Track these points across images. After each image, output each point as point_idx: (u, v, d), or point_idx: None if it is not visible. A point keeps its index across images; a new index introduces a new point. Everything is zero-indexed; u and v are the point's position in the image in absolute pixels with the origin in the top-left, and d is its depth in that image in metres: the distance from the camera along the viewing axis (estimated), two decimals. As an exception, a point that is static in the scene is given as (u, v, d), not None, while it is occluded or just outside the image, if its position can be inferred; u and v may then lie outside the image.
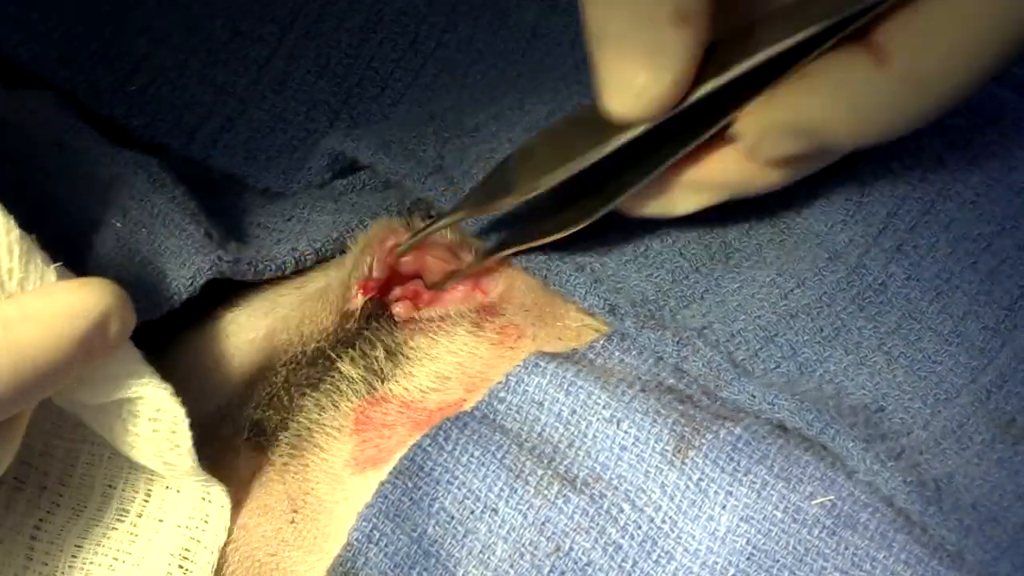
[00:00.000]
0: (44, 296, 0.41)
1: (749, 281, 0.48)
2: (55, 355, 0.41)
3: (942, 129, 0.50)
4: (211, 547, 0.46)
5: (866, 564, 0.42)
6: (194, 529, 0.46)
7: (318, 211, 0.52)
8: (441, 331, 0.49)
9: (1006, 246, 0.48)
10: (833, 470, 0.43)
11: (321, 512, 0.46)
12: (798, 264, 0.48)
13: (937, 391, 0.45)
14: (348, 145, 0.53)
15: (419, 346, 0.48)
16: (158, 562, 0.46)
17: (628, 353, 0.47)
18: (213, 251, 0.48)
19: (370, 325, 0.49)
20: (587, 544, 0.43)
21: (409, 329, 0.49)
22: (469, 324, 0.49)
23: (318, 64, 0.57)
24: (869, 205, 0.49)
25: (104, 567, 0.46)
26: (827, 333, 0.47)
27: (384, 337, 0.49)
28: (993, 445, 0.44)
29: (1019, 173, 0.49)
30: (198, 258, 0.48)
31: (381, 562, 0.43)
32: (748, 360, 0.46)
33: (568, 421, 0.45)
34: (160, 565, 0.45)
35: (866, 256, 0.48)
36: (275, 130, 0.57)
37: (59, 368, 0.41)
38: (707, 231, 0.50)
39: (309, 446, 0.47)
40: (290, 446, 0.47)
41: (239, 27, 0.57)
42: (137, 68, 0.57)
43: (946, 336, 0.46)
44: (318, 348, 0.49)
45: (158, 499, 0.46)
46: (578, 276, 0.48)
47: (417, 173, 0.51)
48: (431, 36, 0.58)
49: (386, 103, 0.57)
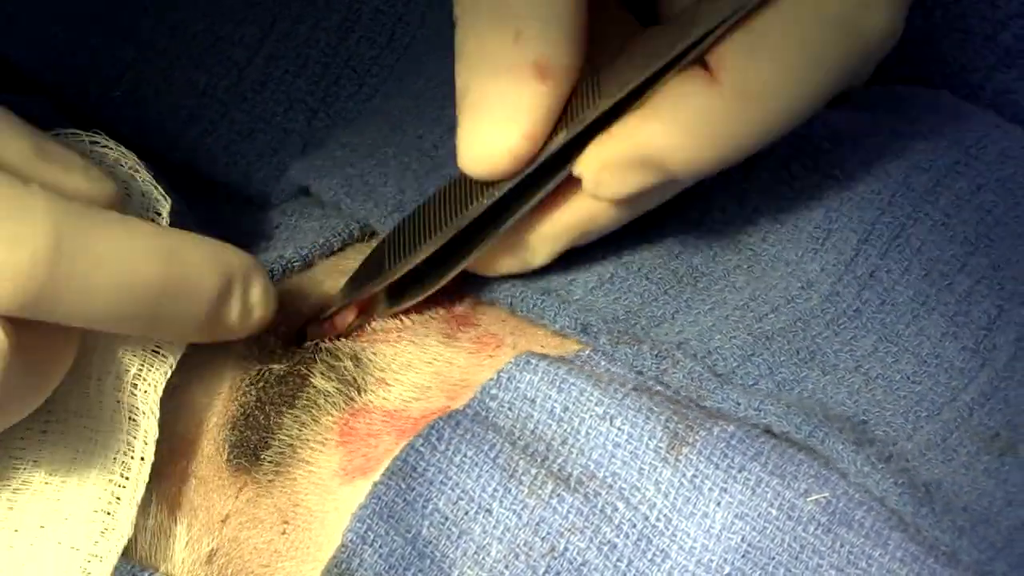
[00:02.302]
0: (199, 240, 0.44)
1: (721, 303, 0.49)
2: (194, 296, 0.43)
3: (903, 151, 0.51)
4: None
5: (861, 562, 0.41)
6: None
7: (305, 217, 0.52)
8: (404, 340, 0.48)
9: (981, 265, 0.48)
10: (827, 468, 0.43)
11: (312, 522, 0.46)
12: (770, 291, 0.49)
13: (918, 408, 0.45)
14: (312, 183, 0.53)
15: (383, 353, 0.48)
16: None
17: (614, 363, 0.47)
18: None
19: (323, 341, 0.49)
20: (582, 544, 0.42)
21: (365, 339, 0.49)
22: (441, 335, 0.49)
23: (297, 63, 0.57)
24: (838, 232, 0.49)
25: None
26: (803, 355, 0.47)
27: (348, 345, 0.48)
28: (979, 457, 0.44)
29: (987, 192, 0.50)
30: None
31: (376, 563, 0.43)
32: (727, 375, 0.46)
33: (561, 418, 0.44)
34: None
35: (839, 284, 0.48)
36: (255, 131, 0.57)
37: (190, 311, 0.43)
38: (671, 258, 0.50)
39: (294, 461, 0.46)
40: (274, 464, 0.47)
41: (220, 31, 0.57)
42: (123, 74, 0.58)
43: (924, 358, 0.47)
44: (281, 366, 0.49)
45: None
46: (545, 299, 0.48)
47: (377, 214, 0.51)
48: (407, 33, 0.58)
49: (362, 100, 0.58)
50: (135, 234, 0.42)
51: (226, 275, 0.44)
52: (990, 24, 0.57)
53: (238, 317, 0.45)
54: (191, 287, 0.43)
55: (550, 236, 0.48)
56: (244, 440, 0.47)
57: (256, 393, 0.48)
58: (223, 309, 0.45)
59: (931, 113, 0.53)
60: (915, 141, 0.51)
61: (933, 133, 0.51)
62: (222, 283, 0.44)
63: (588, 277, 0.49)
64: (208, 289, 0.44)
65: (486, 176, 0.45)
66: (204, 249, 0.44)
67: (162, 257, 0.42)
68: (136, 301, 0.42)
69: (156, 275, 0.42)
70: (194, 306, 0.44)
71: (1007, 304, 0.47)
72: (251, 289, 0.46)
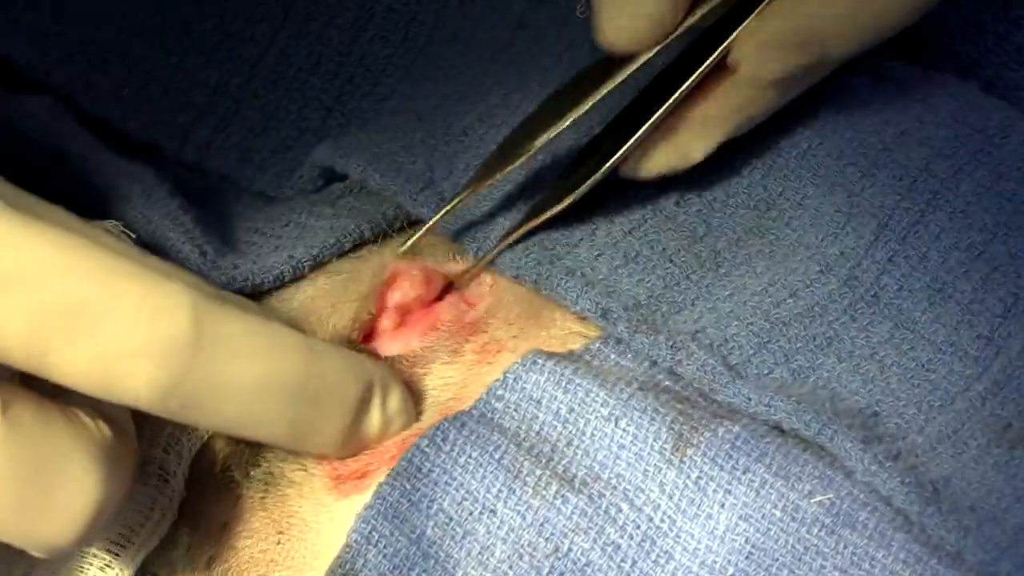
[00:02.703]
0: (336, 347, 0.44)
1: (740, 289, 0.48)
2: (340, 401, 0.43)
3: (926, 138, 0.50)
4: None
5: (865, 563, 0.41)
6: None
7: (315, 216, 0.52)
8: (416, 375, 0.48)
9: (998, 253, 0.48)
10: (832, 469, 0.43)
11: (307, 532, 0.46)
12: (789, 276, 0.48)
13: (931, 398, 0.45)
14: (337, 160, 0.53)
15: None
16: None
17: (623, 356, 0.47)
18: (207, 271, 0.48)
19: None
20: (586, 544, 0.43)
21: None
22: (446, 353, 0.49)
23: (310, 61, 0.57)
24: (858, 217, 0.49)
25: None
26: (820, 342, 0.47)
27: None
28: (989, 450, 0.44)
29: (1008, 180, 0.49)
30: None
31: (380, 563, 0.43)
32: (741, 364, 0.46)
33: (566, 419, 0.45)
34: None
35: (857, 268, 0.48)
36: (268, 129, 0.57)
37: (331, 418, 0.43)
38: (695, 240, 0.50)
39: (284, 480, 0.47)
40: (263, 482, 0.47)
41: (230, 28, 0.57)
42: (132, 71, 0.58)
43: (939, 345, 0.46)
44: None
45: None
46: (569, 280, 0.48)
47: (407, 189, 0.51)
48: (421, 32, 0.58)
49: (377, 99, 0.58)
50: (277, 330, 0.41)
51: (366, 381, 0.44)
52: (1003, 23, 0.56)
53: (379, 427, 0.45)
54: (333, 390, 0.42)
55: (706, 125, 0.47)
56: (237, 454, 0.47)
57: None
58: (364, 417, 0.44)
59: (955, 101, 0.52)
60: (938, 128, 0.51)
61: (956, 121, 0.51)
62: (363, 388, 0.44)
63: (614, 254, 0.49)
64: (350, 394, 0.43)
65: (629, 47, 0.44)
66: (343, 353, 0.44)
67: (304, 355, 0.41)
68: (277, 399, 0.41)
69: (298, 372, 0.41)
70: (336, 411, 0.43)
71: (1023, 293, 0.47)
72: (390, 398, 0.45)
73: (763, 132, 0.51)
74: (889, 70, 0.54)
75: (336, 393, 0.43)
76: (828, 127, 0.51)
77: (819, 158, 0.51)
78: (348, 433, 0.44)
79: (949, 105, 0.52)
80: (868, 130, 0.51)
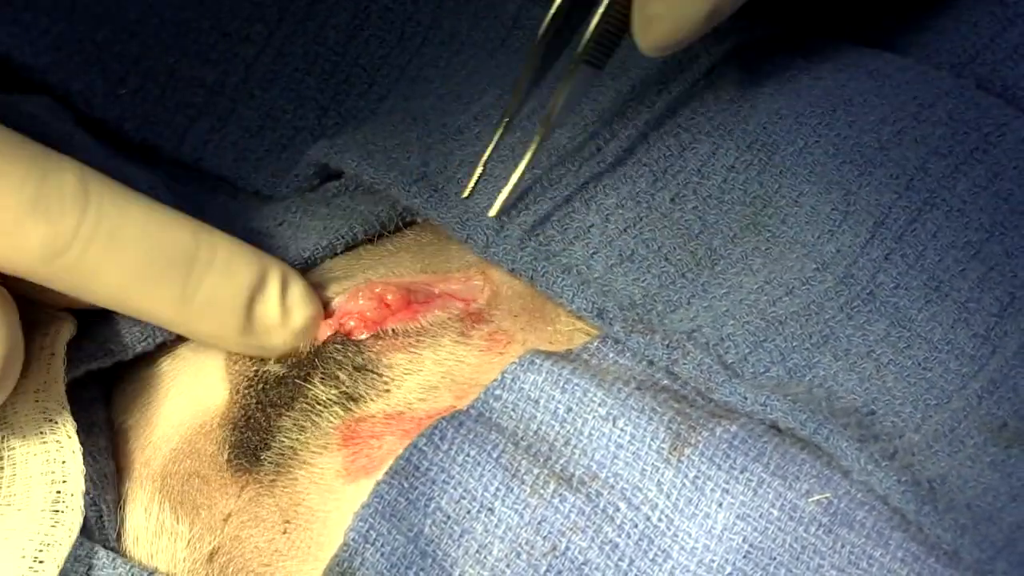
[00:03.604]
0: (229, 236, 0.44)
1: (736, 287, 0.48)
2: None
3: (923, 136, 0.50)
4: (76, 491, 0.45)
5: (863, 562, 0.41)
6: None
7: (310, 215, 0.52)
8: (422, 344, 0.48)
9: (995, 252, 0.48)
10: (829, 468, 0.43)
11: (314, 522, 0.46)
12: (785, 273, 0.48)
13: (927, 396, 0.45)
14: (332, 156, 0.53)
15: (397, 363, 0.48)
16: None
17: (622, 355, 0.47)
18: None
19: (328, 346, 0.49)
20: (583, 543, 0.43)
21: (380, 346, 0.48)
22: (455, 334, 0.49)
23: (306, 61, 0.57)
24: (855, 215, 0.49)
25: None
26: (816, 340, 0.47)
27: (351, 355, 0.48)
28: (985, 448, 0.44)
29: (1004, 179, 0.49)
30: None
31: (378, 562, 0.43)
32: (738, 363, 0.46)
33: (564, 419, 0.45)
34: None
35: (854, 266, 0.48)
36: (264, 128, 0.57)
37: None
38: (691, 238, 0.50)
39: (296, 463, 0.47)
40: (275, 464, 0.47)
41: (227, 27, 0.57)
42: (129, 71, 0.58)
43: (936, 343, 0.46)
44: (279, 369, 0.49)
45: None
46: (565, 278, 0.48)
47: (402, 182, 0.51)
48: (417, 32, 0.58)
49: (373, 99, 0.58)
50: (165, 207, 0.42)
51: (261, 267, 0.44)
52: (997, 21, 0.56)
53: (277, 315, 0.45)
54: (223, 268, 0.43)
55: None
56: (244, 440, 0.47)
57: (256, 395, 0.48)
58: (260, 304, 0.45)
59: (952, 99, 0.52)
60: (935, 127, 0.51)
61: (953, 119, 0.51)
62: (257, 272, 0.44)
63: (609, 252, 0.49)
64: (242, 275, 0.44)
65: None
66: (236, 240, 0.44)
67: (192, 228, 0.43)
68: (164, 268, 0.42)
69: (186, 244, 0.42)
70: (227, 291, 0.44)
71: (1019, 292, 0.47)
72: (290, 288, 0.45)
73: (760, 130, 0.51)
74: (886, 67, 0.54)
75: (227, 271, 0.44)
76: (824, 125, 0.51)
77: (815, 156, 0.51)
78: (243, 320, 0.44)
79: (946, 103, 0.52)
80: (865, 128, 0.51)
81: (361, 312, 0.49)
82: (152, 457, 0.49)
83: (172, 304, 0.43)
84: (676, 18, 0.46)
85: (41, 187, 0.41)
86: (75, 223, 0.41)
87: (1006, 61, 0.56)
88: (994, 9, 0.56)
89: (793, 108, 0.52)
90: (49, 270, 0.42)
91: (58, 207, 0.41)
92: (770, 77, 0.54)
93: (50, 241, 0.41)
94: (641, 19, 0.46)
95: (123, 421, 0.50)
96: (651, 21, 0.46)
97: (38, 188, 0.40)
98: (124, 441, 0.49)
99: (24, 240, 0.41)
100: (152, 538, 0.47)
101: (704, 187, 0.51)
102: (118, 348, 0.48)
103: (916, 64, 0.54)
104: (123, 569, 0.45)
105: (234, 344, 0.47)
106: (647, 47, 0.47)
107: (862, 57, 0.55)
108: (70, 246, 0.41)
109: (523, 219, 0.50)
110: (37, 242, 0.41)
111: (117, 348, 0.48)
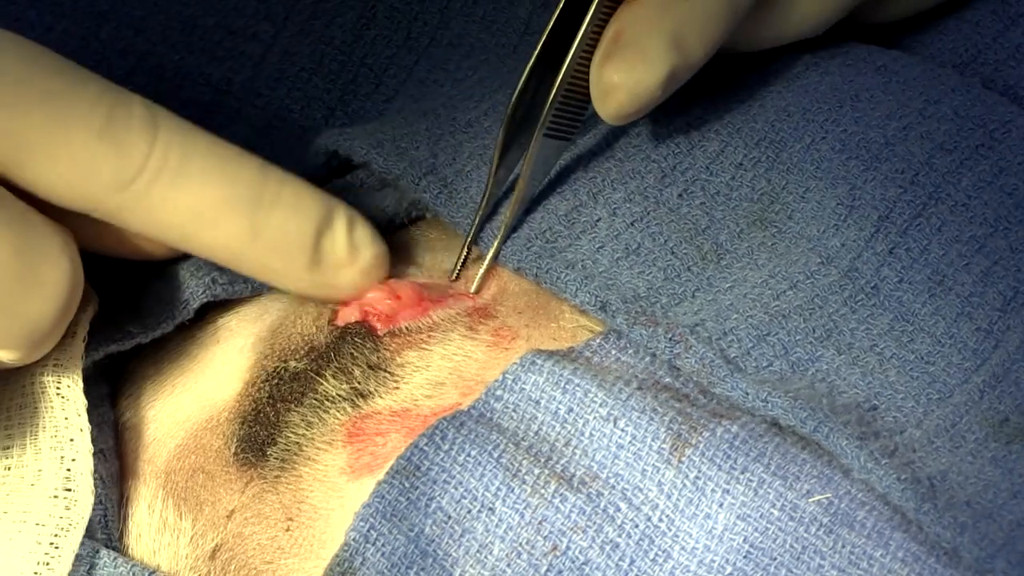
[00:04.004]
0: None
1: (741, 281, 0.48)
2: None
3: (928, 131, 0.50)
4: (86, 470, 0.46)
5: (863, 562, 0.42)
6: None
7: None
8: (433, 340, 0.48)
9: (999, 247, 0.48)
10: (830, 468, 0.43)
11: (317, 519, 0.46)
12: (790, 267, 0.48)
13: (930, 391, 0.45)
14: (342, 144, 0.53)
15: (409, 361, 0.48)
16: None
17: (624, 351, 0.47)
18: (207, 273, 0.49)
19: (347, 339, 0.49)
20: (584, 543, 0.43)
21: (396, 344, 0.48)
22: (463, 328, 0.49)
23: (313, 60, 0.57)
24: (860, 209, 0.49)
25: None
26: (819, 334, 0.47)
27: (367, 353, 0.48)
28: (987, 444, 0.44)
29: (1009, 175, 0.49)
30: (192, 281, 0.48)
31: (378, 562, 0.43)
32: (740, 358, 0.46)
33: (565, 419, 0.45)
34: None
35: (858, 260, 0.48)
36: (271, 128, 0.57)
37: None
38: (697, 232, 0.50)
39: (301, 459, 0.47)
40: (280, 460, 0.47)
41: (233, 25, 0.57)
42: (135, 68, 0.58)
43: (939, 337, 0.46)
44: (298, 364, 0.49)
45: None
46: (569, 273, 0.48)
47: (411, 174, 0.51)
48: (424, 33, 0.58)
49: (380, 100, 0.58)
50: (230, 145, 0.43)
51: (327, 206, 0.44)
52: (1001, 20, 0.56)
53: (346, 253, 0.45)
54: (291, 204, 0.43)
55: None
56: (252, 435, 0.47)
57: (269, 389, 0.48)
58: (328, 241, 0.45)
59: (957, 96, 0.52)
60: (940, 123, 0.51)
61: (958, 116, 0.51)
62: (324, 210, 0.44)
63: (616, 246, 0.49)
64: (310, 211, 0.44)
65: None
66: (301, 180, 0.45)
67: (258, 166, 0.43)
68: (232, 205, 0.42)
69: (253, 181, 0.42)
70: (297, 227, 0.44)
71: (1023, 286, 0.47)
72: (356, 227, 0.46)
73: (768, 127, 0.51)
74: (892, 64, 0.54)
75: (295, 207, 0.44)
76: (831, 121, 0.51)
77: (822, 152, 0.51)
78: (311, 256, 0.45)
79: (951, 100, 0.52)
80: (871, 124, 0.51)
81: (373, 305, 0.49)
82: (156, 454, 0.49)
83: (240, 239, 0.43)
84: (632, 86, 0.46)
85: (110, 117, 0.41)
86: (144, 153, 0.41)
87: (1008, 61, 0.56)
88: (996, 9, 0.57)
89: (800, 105, 0.52)
90: (118, 201, 0.42)
91: (126, 137, 0.41)
92: (778, 75, 0.54)
93: (119, 171, 0.41)
94: (599, 89, 0.47)
95: (127, 419, 0.50)
96: (608, 91, 0.47)
97: (107, 118, 0.41)
98: (128, 438, 0.50)
99: (94, 169, 0.41)
100: (155, 535, 0.48)
101: (712, 184, 0.51)
102: (137, 330, 0.49)
103: (922, 61, 0.54)
104: (124, 568, 0.46)
105: (302, 281, 0.46)
106: (608, 116, 0.48)
107: (869, 54, 0.55)
108: (139, 176, 0.42)
109: (531, 219, 0.50)
110: (107, 171, 0.41)
111: (137, 330, 0.49)
